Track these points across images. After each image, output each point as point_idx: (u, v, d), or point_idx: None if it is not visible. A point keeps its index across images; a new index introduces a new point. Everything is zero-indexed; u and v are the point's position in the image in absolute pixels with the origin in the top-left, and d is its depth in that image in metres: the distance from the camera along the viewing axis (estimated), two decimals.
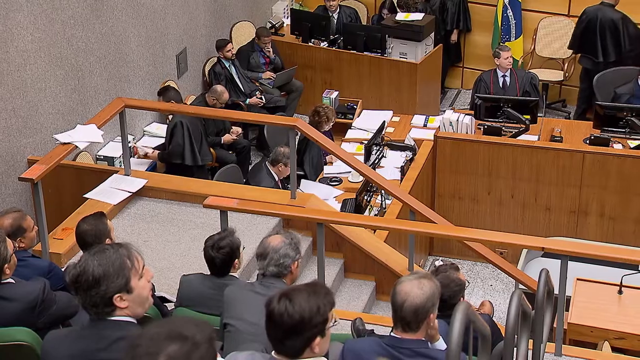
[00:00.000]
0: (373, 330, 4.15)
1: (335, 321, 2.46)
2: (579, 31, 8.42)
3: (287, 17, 9.37)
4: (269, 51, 8.55)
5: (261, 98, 8.19)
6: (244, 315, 3.41)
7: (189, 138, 6.74)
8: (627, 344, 4.75)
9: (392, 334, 2.94)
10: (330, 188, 6.65)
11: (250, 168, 7.47)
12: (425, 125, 7.58)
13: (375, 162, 6.81)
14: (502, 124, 7.07)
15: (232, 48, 8.19)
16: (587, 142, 6.93)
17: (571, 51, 8.74)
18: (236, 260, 3.93)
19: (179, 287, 4.02)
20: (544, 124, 7.29)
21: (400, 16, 8.49)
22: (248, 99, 8.17)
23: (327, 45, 8.74)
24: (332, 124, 7.15)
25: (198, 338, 1.85)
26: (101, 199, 5.50)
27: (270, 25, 9.16)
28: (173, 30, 7.75)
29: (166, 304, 4.04)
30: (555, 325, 4.25)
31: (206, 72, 8.34)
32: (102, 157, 6.73)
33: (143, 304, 2.42)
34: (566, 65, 8.97)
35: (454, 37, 9.29)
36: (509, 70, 7.86)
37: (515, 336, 3.08)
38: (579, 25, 8.43)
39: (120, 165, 6.38)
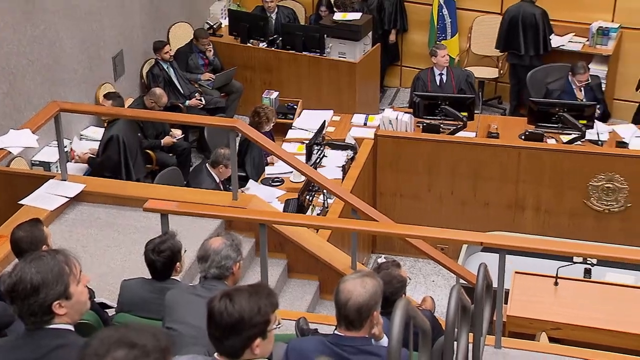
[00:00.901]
0: (317, 329, 4.16)
1: (278, 323, 2.46)
2: (504, 30, 8.67)
3: (225, 18, 9.31)
4: (211, 52, 8.49)
5: (201, 99, 8.13)
6: (186, 319, 3.39)
7: (124, 154, 6.59)
8: (563, 334, 4.88)
9: (335, 332, 2.96)
10: (272, 189, 6.64)
11: (190, 170, 7.41)
12: (365, 124, 7.64)
13: (317, 161, 6.83)
14: (441, 122, 7.17)
15: (170, 50, 8.10)
16: (522, 137, 7.09)
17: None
18: (177, 263, 3.90)
19: (119, 292, 3.96)
20: (481, 120, 7.42)
21: (338, 16, 8.55)
22: (187, 101, 8.09)
23: (266, 45, 8.72)
24: (272, 124, 7.14)
25: (149, 347, 1.83)
26: (37, 205, 5.37)
27: (208, 26, 9.10)
28: (109, 32, 7.62)
29: (107, 310, 3.98)
30: (494, 318, 4.33)
31: (144, 75, 8.22)
32: (37, 162, 6.57)
33: (81, 309, 2.40)
34: (500, 62, 9.16)
35: (392, 37, 9.38)
36: (446, 68, 7.98)
37: (456, 330, 3.12)
38: (503, 25, 8.69)
39: (56, 170, 6.24)
